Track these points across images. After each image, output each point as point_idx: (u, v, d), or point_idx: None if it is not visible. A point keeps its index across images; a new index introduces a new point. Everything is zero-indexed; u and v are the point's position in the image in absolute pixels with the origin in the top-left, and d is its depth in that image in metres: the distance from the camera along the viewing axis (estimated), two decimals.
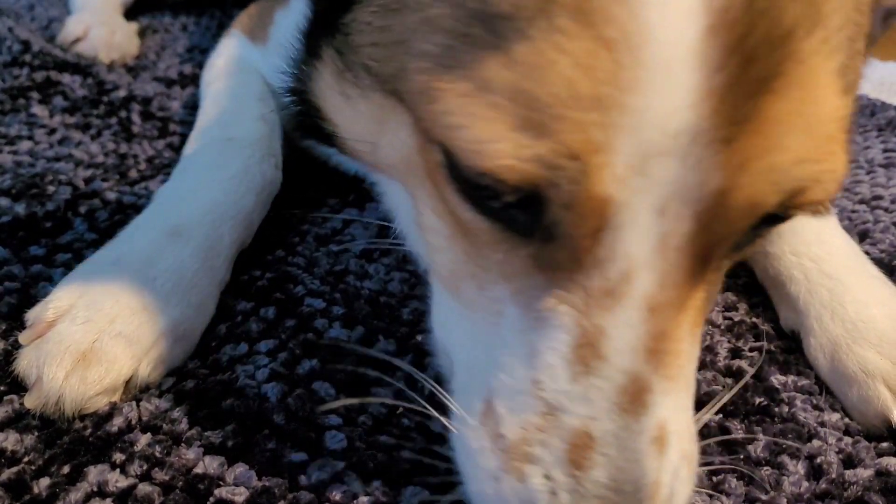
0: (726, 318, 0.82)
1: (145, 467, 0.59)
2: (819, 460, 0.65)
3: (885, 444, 0.67)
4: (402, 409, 0.64)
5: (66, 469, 0.58)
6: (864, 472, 0.64)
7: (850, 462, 0.65)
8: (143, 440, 0.61)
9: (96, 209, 0.92)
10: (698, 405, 0.54)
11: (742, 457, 0.65)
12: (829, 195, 0.46)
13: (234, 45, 1.14)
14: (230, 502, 0.57)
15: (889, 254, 0.92)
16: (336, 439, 0.63)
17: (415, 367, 0.65)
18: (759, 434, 0.67)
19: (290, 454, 0.61)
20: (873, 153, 1.22)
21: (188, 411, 0.65)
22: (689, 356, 0.49)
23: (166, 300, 0.69)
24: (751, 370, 0.74)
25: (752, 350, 0.78)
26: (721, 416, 0.69)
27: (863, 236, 0.97)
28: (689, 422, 0.50)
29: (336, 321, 0.76)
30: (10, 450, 0.59)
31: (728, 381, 0.73)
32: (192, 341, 0.72)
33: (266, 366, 0.70)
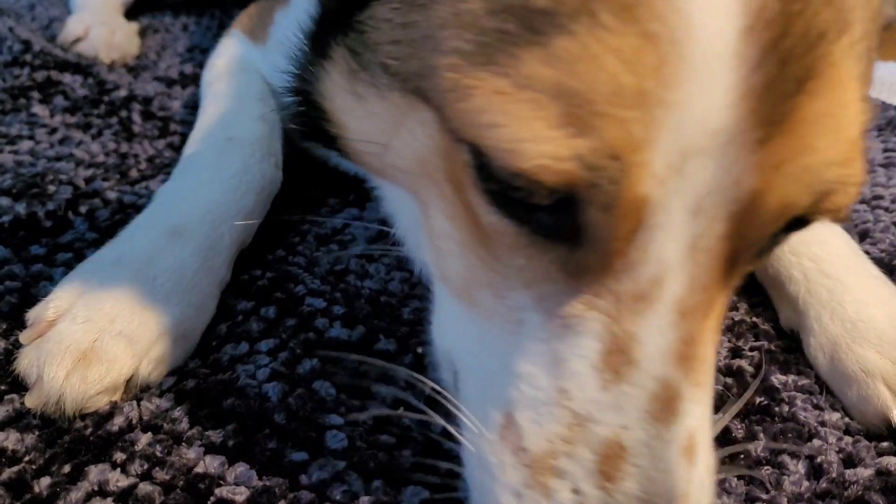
0: (726, 318, 0.82)
1: (146, 467, 0.59)
2: (819, 460, 0.65)
3: (885, 444, 0.67)
4: (403, 409, 0.65)
5: (67, 468, 0.59)
6: (864, 472, 0.64)
7: (850, 461, 0.65)
8: (144, 439, 0.61)
9: (97, 209, 0.92)
10: None
11: (742, 456, 0.65)
12: (852, 200, 0.45)
13: (235, 45, 1.14)
14: (231, 502, 0.57)
15: (889, 254, 0.92)
16: (337, 439, 0.63)
17: (415, 367, 0.65)
18: (760, 433, 0.67)
19: (291, 454, 0.61)
20: (873, 153, 1.22)
21: (189, 411, 0.65)
22: (713, 362, 0.48)
23: (167, 300, 0.69)
24: (751, 370, 0.74)
25: (752, 350, 0.78)
26: (721, 415, 0.69)
27: (863, 236, 0.97)
28: (710, 431, 0.48)
29: (337, 321, 0.76)
30: (10, 449, 0.59)
31: (728, 380, 0.73)
32: (192, 341, 0.72)
33: (267, 365, 0.70)
